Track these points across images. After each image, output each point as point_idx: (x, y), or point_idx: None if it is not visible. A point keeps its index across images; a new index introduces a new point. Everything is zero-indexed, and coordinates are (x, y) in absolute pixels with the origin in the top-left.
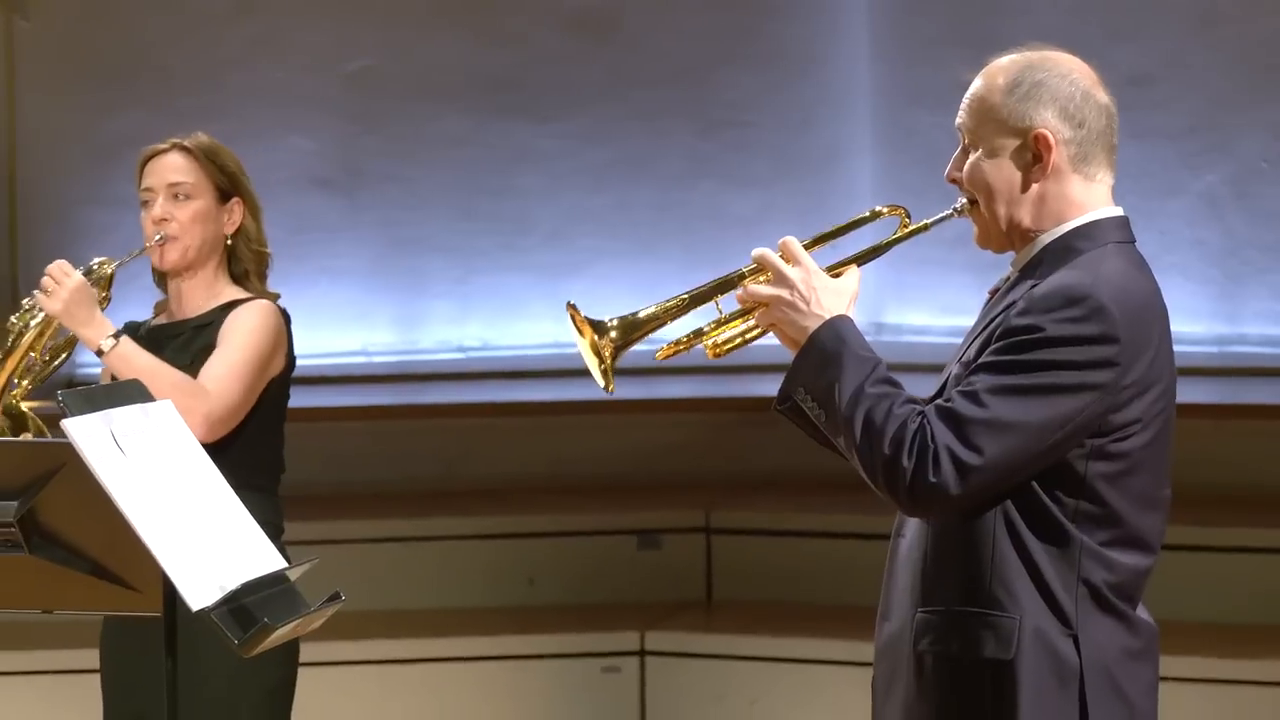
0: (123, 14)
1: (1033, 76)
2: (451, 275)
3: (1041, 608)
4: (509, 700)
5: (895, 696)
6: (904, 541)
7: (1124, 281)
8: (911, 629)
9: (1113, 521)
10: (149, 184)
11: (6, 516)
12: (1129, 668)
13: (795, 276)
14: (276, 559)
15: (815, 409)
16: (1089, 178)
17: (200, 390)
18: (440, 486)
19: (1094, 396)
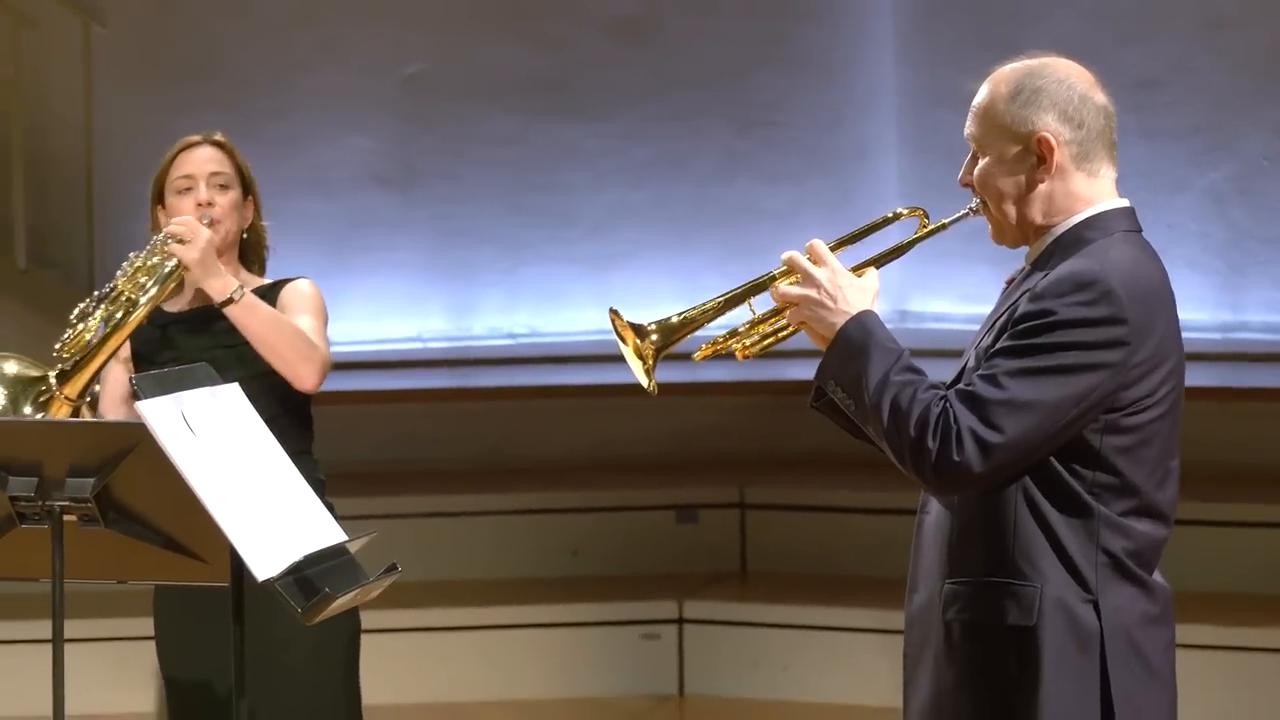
0: (194, 20)
1: (1033, 84)
2: (501, 266)
3: (1063, 576)
4: (555, 665)
5: (925, 663)
6: (929, 518)
7: (1131, 267)
8: (940, 599)
9: (1129, 492)
10: (189, 172)
11: (84, 493)
12: (1147, 631)
13: (822, 276)
14: (337, 532)
15: (845, 399)
16: (1092, 173)
17: (313, 343)
18: (490, 465)
19: (1106, 375)
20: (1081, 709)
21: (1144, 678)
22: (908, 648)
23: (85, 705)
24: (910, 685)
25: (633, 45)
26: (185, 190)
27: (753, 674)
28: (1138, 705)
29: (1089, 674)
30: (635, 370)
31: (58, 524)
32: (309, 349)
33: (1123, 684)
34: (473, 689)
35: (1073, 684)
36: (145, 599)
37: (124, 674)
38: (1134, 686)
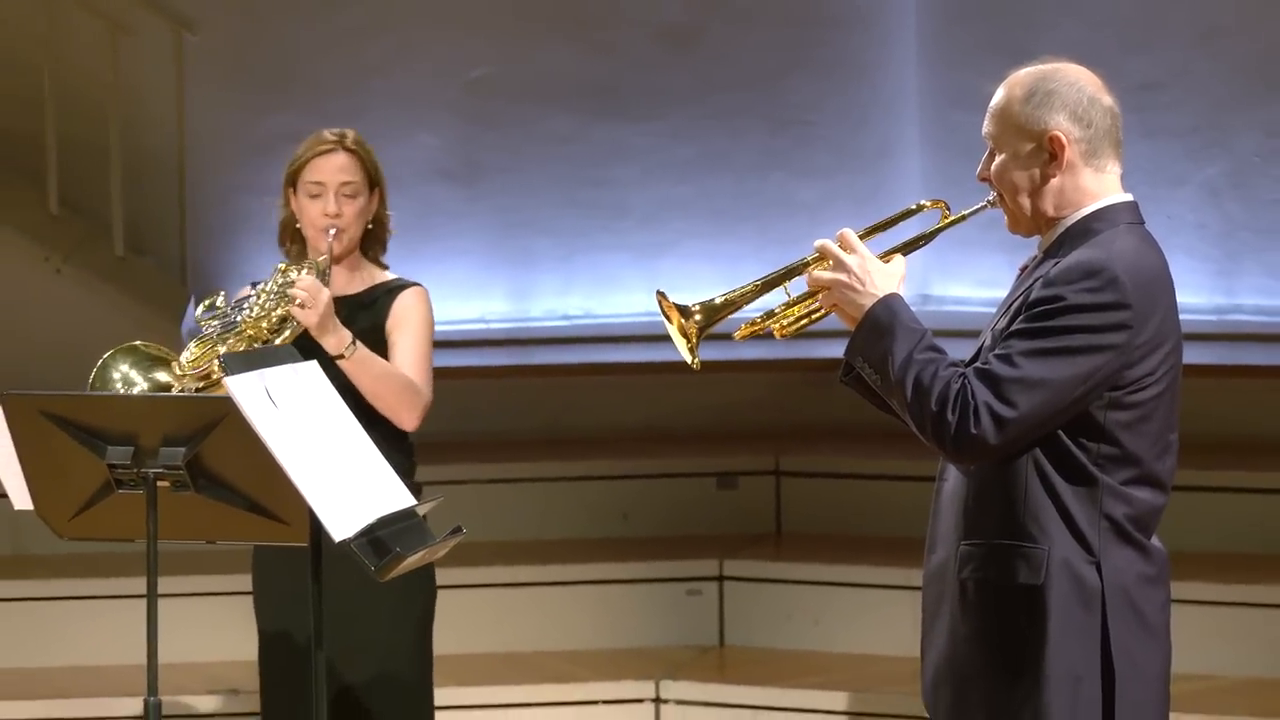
0: (277, 28)
1: (1045, 86)
2: (557, 254)
3: (1068, 539)
4: (606, 619)
5: (942, 618)
6: (947, 485)
7: (1134, 257)
8: (955, 560)
9: (1130, 463)
10: (320, 179)
11: (176, 461)
12: (1145, 590)
13: (852, 262)
14: (407, 497)
15: (872, 374)
16: (1099, 169)
17: (417, 390)
18: (547, 435)
19: (1111, 355)
20: (1084, 660)
21: (1141, 633)
22: (925, 603)
23: (179, 655)
24: (927, 638)
25: (678, 51)
26: (316, 196)
27: (786, 626)
28: (1134, 658)
29: (1091, 629)
30: (680, 348)
31: (152, 489)
32: (412, 397)
33: (1121, 639)
34: (531, 640)
35: (1076, 638)
36: (236, 559)
37: (216, 626)
38: (1131, 641)
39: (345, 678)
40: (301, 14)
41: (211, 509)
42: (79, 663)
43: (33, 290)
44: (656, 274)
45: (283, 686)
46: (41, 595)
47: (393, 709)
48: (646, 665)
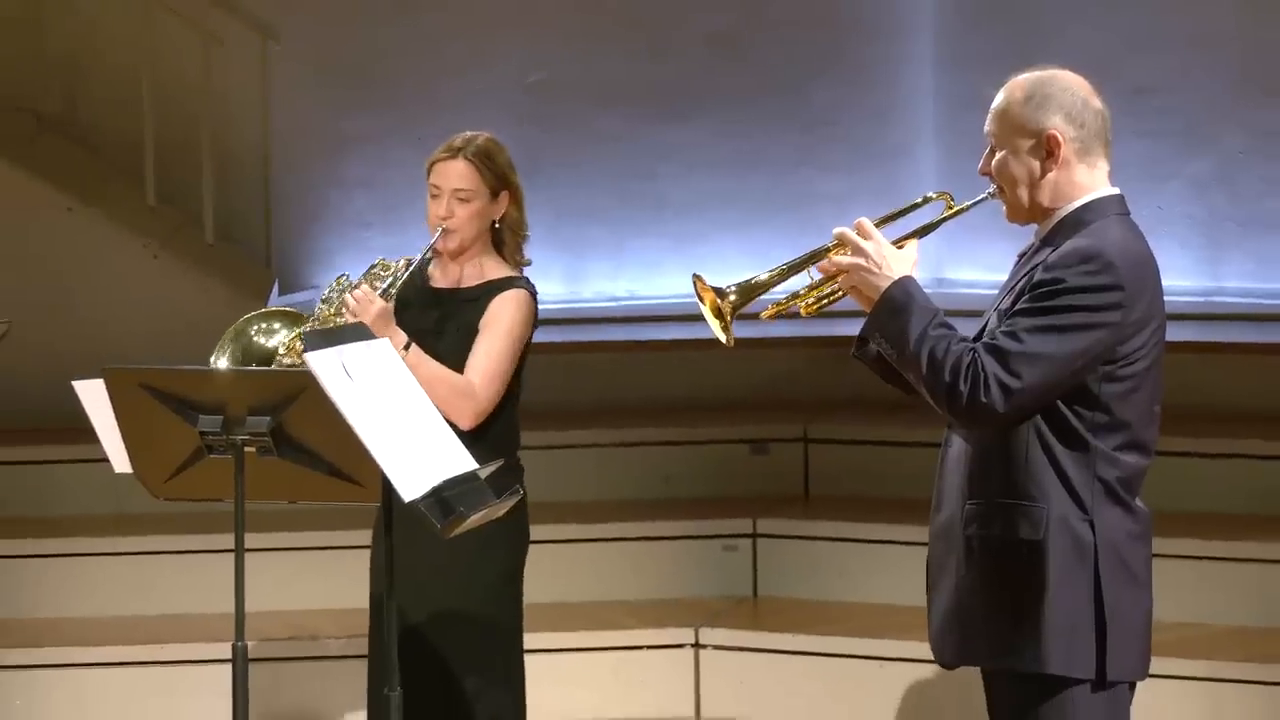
0: (352, 38)
1: (1044, 90)
2: (608, 241)
3: (1064, 498)
4: (650, 572)
5: (948, 571)
6: (952, 450)
7: (1125, 244)
8: (961, 517)
9: (1121, 430)
10: (437, 183)
11: (261, 429)
12: (1132, 546)
13: (869, 248)
14: (470, 461)
15: (889, 349)
16: (1091, 166)
17: (471, 391)
18: (597, 406)
19: (1106, 332)
20: (1078, 608)
21: (1129, 584)
22: (931, 558)
23: (263, 604)
24: (934, 590)
25: (718, 57)
26: (435, 197)
27: (813, 579)
28: (1123, 607)
29: (1085, 581)
30: (713, 328)
31: (240, 454)
32: (460, 401)
33: (1112, 589)
34: (582, 591)
35: (1071, 588)
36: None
37: (296, 578)
38: (1120, 591)
39: (440, 622)
40: (376, 24)
41: (293, 472)
42: (173, 611)
43: (132, 275)
44: (696, 260)
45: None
46: (140, 550)
47: (486, 652)
48: (687, 614)
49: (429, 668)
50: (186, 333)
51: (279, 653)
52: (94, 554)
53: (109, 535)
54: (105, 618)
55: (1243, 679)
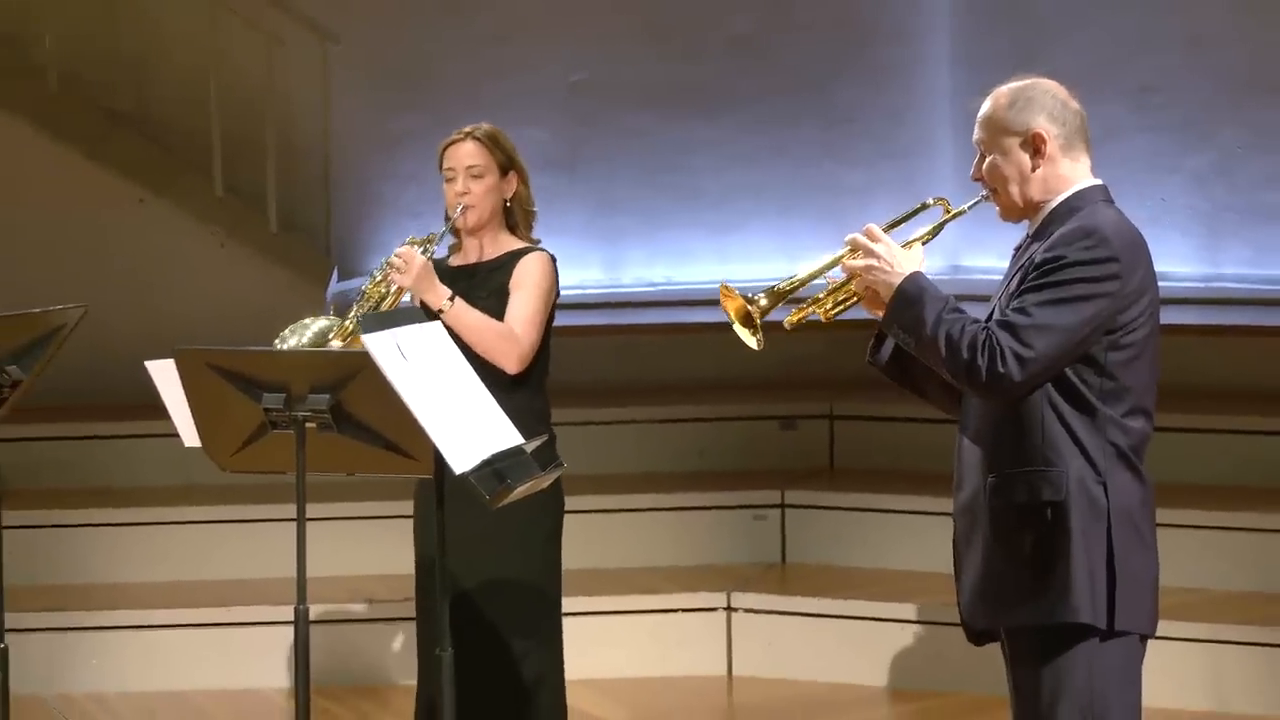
0: (408, 41)
1: (1026, 95)
2: (643, 231)
3: (1080, 462)
4: (685, 540)
5: (975, 544)
6: (969, 431)
7: (1118, 223)
8: (985, 491)
9: (1127, 396)
10: (451, 165)
11: (321, 406)
12: (1141, 511)
13: (880, 250)
14: (516, 436)
15: (906, 338)
16: (1074, 160)
17: (513, 337)
18: (636, 385)
19: (1108, 301)
20: (1093, 569)
21: (1138, 546)
22: (957, 535)
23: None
24: (963, 562)
25: (746, 58)
26: (449, 180)
27: (837, 546)
28: (1133, 568)
29: (1100, 539)
30: (743, 335)
31: (301, 430)
32: (506, 344)
33: (1122, 551)
34: (621, 557)
35: (1089, 545)
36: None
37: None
38: (1131, 552)
39: (484, 586)
40: (429, 28)
41: (351, 446)
42: (238, 576)
43: (201, 261)
44: (726, 248)
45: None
46: (207, 519)
47: (523, 611)
48: (719, 579)
49: (478, 629)
50: (251, 316)
51: (337, 615)
52: (164, 523)
53: (178, 505)
54: (174, 582)
55: (1242, 641)
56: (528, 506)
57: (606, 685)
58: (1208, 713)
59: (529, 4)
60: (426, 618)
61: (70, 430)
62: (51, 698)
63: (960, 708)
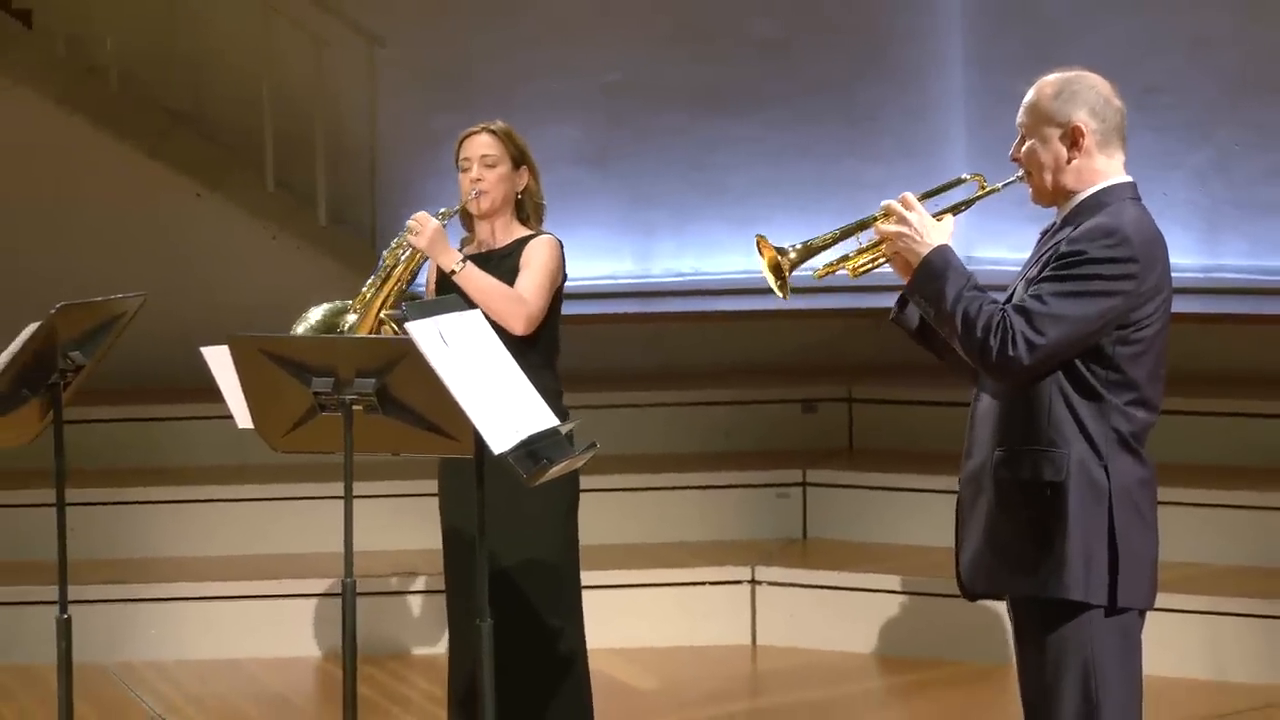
0: (450, 43)
1: (1070, 87)
2: (673, 224)
3: (1083, 446)
4: (712, 516)
5: (978, 511)
6: (981, 404)
7: (1140, 223)
8: (991, 463)
9: (1132, 387)
10: (467, 155)
11: (368, 389)
12: (1142, 491)
13: (912, 218)
14: (553, 418)
15: (927, 308)
16: (1109, 156)
17: (521, 299)
18: (666, 369)
19: (1121, 299)
20: (1093, 542)
21: (1138, 524)
22: (962, 500)
23: (369, 544)
24: (964, 529)
25: (771, 60)
26: (465, 169)
27: (856, 522)
28: (1134, 546)
29: (1100, 518)
30: (772, 284)
31: (348, 412)
32: (514, 306)
33: (1123, 526)
34: (651, 533)
35: (1088, 525)
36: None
37: (398, 522)
38: (1131, 530)
39: (505, 559)
40: (470, 32)
41: (396, 427)
42: (289, 551)
43: (254, 253)
44: (752, 241)
45: (458, 566)
46: (260, 497)
47: (543, 581)
48: (744, 554)
49: (505, 599)
50: (301, 304)
51: (382, 587)
52: (219, 500)
53: (232, 484)
54: (228, 556)
55: (1239, 612)
56: (548, 482)
57: (637, 654)
58: (1206, 681)
59: (564, 9)
60: (455, 589)
61: (130, 413)
62: (112, 666)
63: (970, 675)
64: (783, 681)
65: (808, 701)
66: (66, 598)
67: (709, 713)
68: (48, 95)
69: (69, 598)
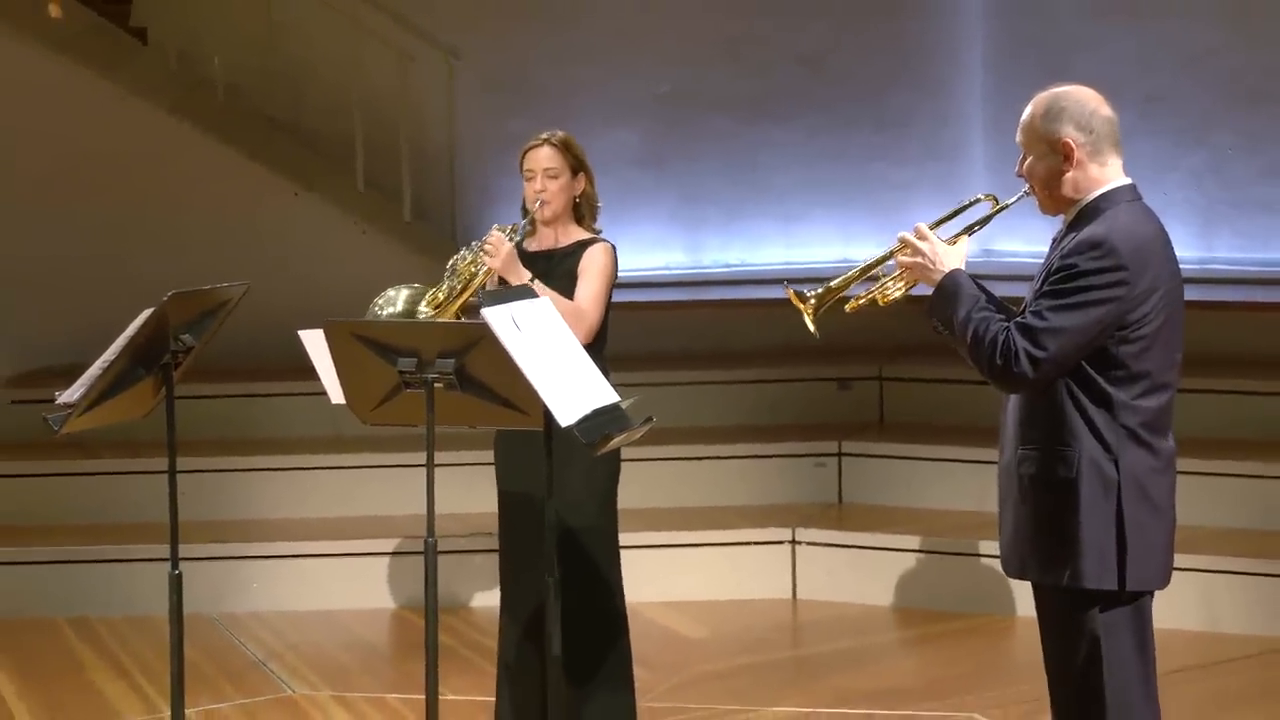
0: (519, 56)
1: (1058, 105)
2: (720, 220)
3: (1093, 444)
4: (757, 483)
5: (1009, 504)
6: (1009, 404)
7: (1130, 228)
8: (1015, 460)
9: (1139, 380)
10: (530, 167)
11: (448, 369)
12: (1153, 478)
13: (925, 249)
14: (614, 395)
15: (943, 329)
16: (1102, 164)
17: (582, 312)
18: (714, 351)
19: (1114, 305)
20: (1104, 534)
21: (1149, 511)
22: (999, 491)
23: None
24: (1001, 517)
25: (810, 71)
26: (529, 179)
27: (886, 489)
28: (1144, 532)
29: (1109, 511)
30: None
31: (430, 389)
32: (576, 322)
33: (1133, 517)
34: (701, 498)
35: (1098, 518)
36: (487, 439)
37: (474, 487)
38: (1141, 516)
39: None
40: (537, 46)
41: (473, 403)
42: (377, 513)
43: (345, 247)
44: (792, 235)
45: (514, 528)
46: (351, 465)
47: (592, 541)
48: (785, 517)
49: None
50: None
51: (460, 546)
52: (314, 468)
53: (326, 453)
54: (322, 518)
55: (1233, 570)
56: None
57: (688, 606)
58: (1201, 633)
59: (623, 24)
60: (507, 549)
61: (235, 389)
62: (218, 616)
63: (988, 626)
64: (820, 631)
65: (842, 649)
66: (178, 555)
67: (754, 659)
68: (160, 105)
69: (180, 556)
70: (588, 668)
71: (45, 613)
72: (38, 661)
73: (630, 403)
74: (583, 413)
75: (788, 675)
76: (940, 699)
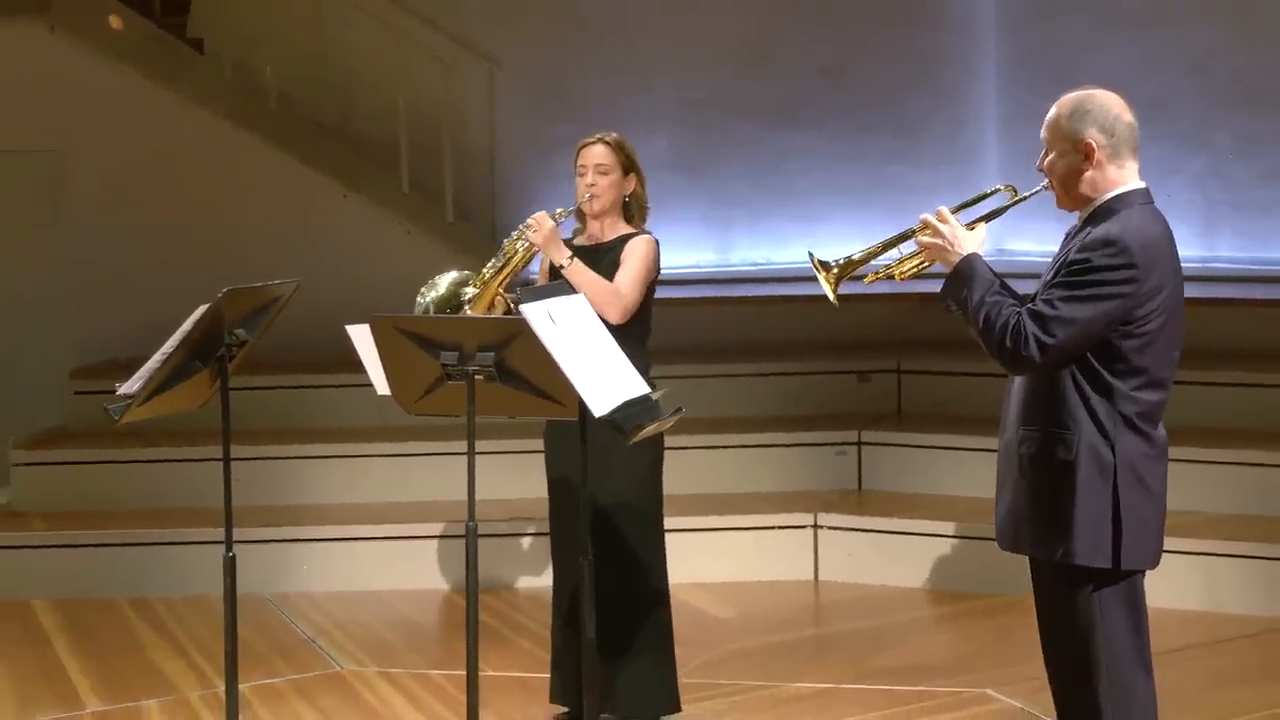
0: (558, 65)
1: (1084, 107)
2: (747, 221)
3: (1092, 429)
4: (781, 470)
5: (1007, 482)
6: (1014, 386)
7: (1141, 229)
8: (1016, 440)
9: (1138, 374)
10: (583, 163)
11: (488, 361)
12: (1147, 465)
13: (945, 231)
14: (645, 387)
15: (956, 310)
16: (1120, 166)
17: (618, 293)
18: (741, 345)
19: (1122, 301)
20: (1099, 514)
21: (1142, 494)
22: (998, 468)
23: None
24: (999, 494)
25: (832, 80)
26: (581, 174)
27: (904, 476)
28: (1138, 514)
29: (1105, 492)
30: (827, 291)
31: (471, 381)
32: (614, 300)
33: (1128, 499)
34: (729, 484)
35: (1094, 499)
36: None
37: (514, 474)
38: (1135, 499)
39: (601, 505)
40: (573, 55)
41: (511, 394)
42: (422, 499)
43: (390, 245)
44: (815, 235)
45: (561, 512)
46: (396, 453)
47: (634, 525)
48: (808, 502)
49: (601, 539)
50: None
51: (500, 530)
52: (360, 456)
53: (373, 441)
54: (369, 503)
55: (1233, 554)
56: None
57: (716, 587)
58: (1202, 613)
59: (655, 35)
60: (557, 531)
61: (287, 381)
62: (270, 596)
63: (999, 606)
64: (841, 612)
65: (862, 629)
66: (232, 538)
67: (778, 638)
68: (217, 113)
69: (234, 539)
70: (623, 643)
71: (107, 594)
72: (100, 639)
73: (660, 394)
74: (615, 403)
75: (811, 653)
76: (955, 675)
